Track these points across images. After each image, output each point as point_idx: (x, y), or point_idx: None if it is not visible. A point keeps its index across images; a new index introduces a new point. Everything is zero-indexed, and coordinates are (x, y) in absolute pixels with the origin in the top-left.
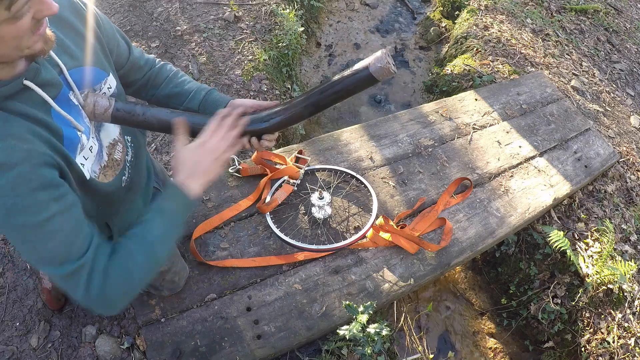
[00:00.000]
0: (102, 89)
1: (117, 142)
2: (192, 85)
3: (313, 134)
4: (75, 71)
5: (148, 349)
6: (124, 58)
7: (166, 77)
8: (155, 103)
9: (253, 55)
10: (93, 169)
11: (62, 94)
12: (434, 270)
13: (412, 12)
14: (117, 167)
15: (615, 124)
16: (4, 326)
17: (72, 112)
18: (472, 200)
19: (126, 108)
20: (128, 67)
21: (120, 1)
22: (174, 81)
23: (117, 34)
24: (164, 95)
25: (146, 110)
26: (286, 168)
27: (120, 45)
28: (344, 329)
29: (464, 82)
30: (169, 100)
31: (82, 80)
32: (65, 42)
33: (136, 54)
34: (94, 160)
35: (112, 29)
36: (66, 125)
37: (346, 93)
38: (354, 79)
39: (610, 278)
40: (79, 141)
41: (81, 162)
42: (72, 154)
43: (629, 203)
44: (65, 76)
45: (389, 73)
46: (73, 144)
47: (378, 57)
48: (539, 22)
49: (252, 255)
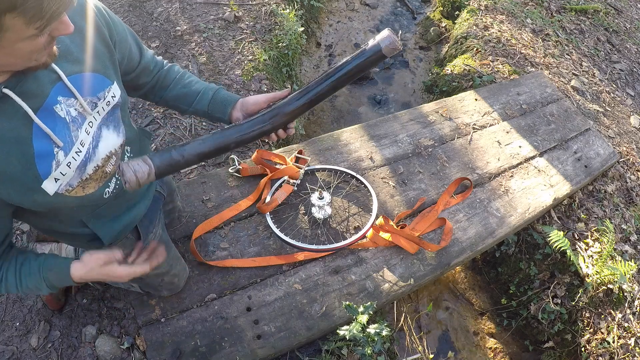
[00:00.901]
0: (105, 97)
1: (112, 154)
2: (200, 86)
3: (313, 134)
4: (77, 77)
5: (148, 349)
6: (135, 62)
7: (174, 79)
8: (164, 105)
9: (253, 55)
10: (70, 183)
11: (46, 104)
12: (434, 270)
13: (412, 12)
14: (103, 179)
15: (615, 124)
16: (4, 326)
17: (57, 124)
18: (472, 200)
19: (164, 160)
20: (139, 71)
21: (120, 1)
22: (181, 82)
23: (130, 38)
24: (172, 97)
25: (182, 151)
26: (286, 168)
27: (132, 50)
28: (344, 329)
29: (464, 82)
30: (177, 102)
31: (83, 86)
32: (69, 48)
33: (148, 57)
34: (72, 176)
35: (124, 33)
36: (43, 139)
37: (358, 71)
38: (365, 56)
39: (610, 278)
40: (53, 158)
41: (55, 177)
42: (45, 171)
43: (629, 203)
44: (64, 82)
45: (396, 48)
46: (47, 162)
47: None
48: (539, 22)
49: (252, 255)
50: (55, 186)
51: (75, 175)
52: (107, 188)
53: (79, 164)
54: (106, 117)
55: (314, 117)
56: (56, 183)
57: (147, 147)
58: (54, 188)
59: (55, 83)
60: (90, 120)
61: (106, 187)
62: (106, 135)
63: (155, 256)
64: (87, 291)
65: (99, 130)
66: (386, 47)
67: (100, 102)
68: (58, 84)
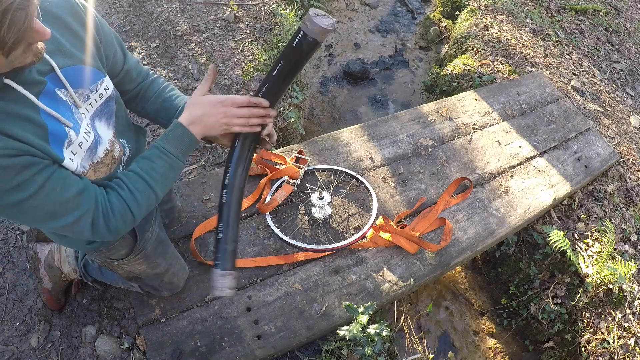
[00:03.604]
0: (98, 89)
1: (113, 141)
2: (180, 101)
3: (313, 134)
4: (70, 69)
5: (148, 349)
6: (119, 66)
7: (156, 91)
8: (144, 116)
9: (253, 55)
10: (82, 164)
11: (46, 89)
12: (434, 270)
13: (412, 12)
14: (113, 165)
15: (615, 124)
16: (4, 326)
17: (60, 107)
18: (472, 200)
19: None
20: (122, 76)
21: (120, 1)
22: (162, 96)
23: (115, 41)
24: (152, 110)
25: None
26: (286, 168)
27: (117, 53)
28: (344, 329)
29: (464, 82)
30: (157, 115)
31: (77, 78)
32: (60, 41)
33: (131, 63)
34: (83, 156)
35: (110, 36)
36: (53, 120)
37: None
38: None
39: (610, 278)
40: (66, 136)
41: (69, 156)
42: (59, 148)
43: (629, 203)
44: (57, 74)
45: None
46: (59, 139)
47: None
48: (539, 22)
49: (252, 255)
50: (73, 166)
51: (86, 156)
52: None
53: (90, 145)
54: (99, 109)
55: (314, 117)
56: (73, 163)
57: (143, 143)
58: (72, 167)
59: (49, 74)
60: (83, 112)
61: (116, 173)
62: (98, 127)
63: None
64: (87, 291)
65: (92, 122)
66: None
67: (93, 95)
68: (51, 74)
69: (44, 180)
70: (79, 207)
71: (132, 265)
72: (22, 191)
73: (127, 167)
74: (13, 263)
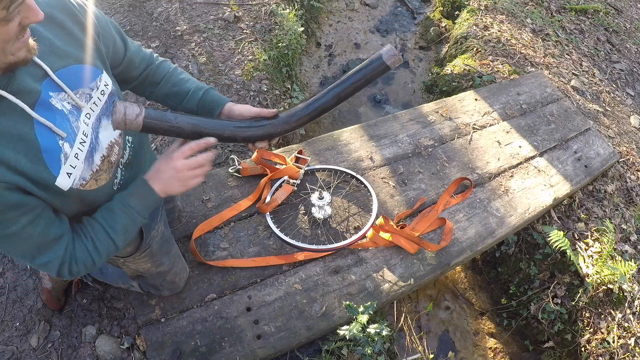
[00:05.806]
0: (98, 86)
1: (114, 144)
2: (190, 85)
3: (313, 134)
4: (65, 71)
5: (148, 349)
6: (120, 55)
7: (164, 75)
8: (154, 101)
9: (253, 55)
10: (83, 177)
11: (41, 99)
12: (434, 270)
13: (412, 12)
14: (111, 170)
15: (615, 124)
16: (4, 326)
17: (56, 117)
18: (472, 200)
19: (157, 113)
20: (125, 64)
21: (120, 1)
22: (172, 80)
23: (113, 30)
24: (162, 94)
25: (177, 116)
26: (286, 168)
27: (117, 42)
28: (344, 329)
29: (464, 82)
30: (166, 99)
31: (75, 79)
32: (53, 42)
33: (133, 50)
34: (82, 168)
35: (107, 26)
36: (46, 134)
37: (364, 82)
38: (370, 69)
39: (610, 278)
40: (60, 150)
41: (67, 171)
42: (55, 164)
43: (629, 203)
44: (51, 78)
45: (399, 61)
46: (54, 154)
47: (388, 49)
48: (539, 22)
49: (252, 255)
50: (69, 181)
51: (85, 167)
52: (115, 179)
53: (86, 155)
54: (105, 107)
55: None
56: (70, 178)
57: (146, 141)
58: (68, 184)
59: (44, 79)
60: (87, 112)
61: (114, 177)
62: (106, 125)
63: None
64: (87, 291)
65: (98, 121)
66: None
67: (95, 93)
68: (46, 80)
69: (27, 222)
70: (52, 252)
71: (137, 263)
72: (2, 228)
73: (127, 169)
74: (13, 263)
